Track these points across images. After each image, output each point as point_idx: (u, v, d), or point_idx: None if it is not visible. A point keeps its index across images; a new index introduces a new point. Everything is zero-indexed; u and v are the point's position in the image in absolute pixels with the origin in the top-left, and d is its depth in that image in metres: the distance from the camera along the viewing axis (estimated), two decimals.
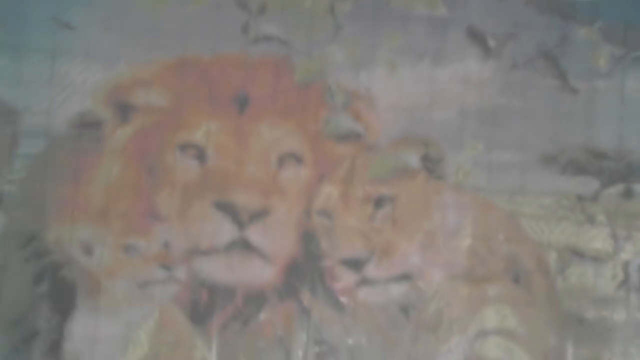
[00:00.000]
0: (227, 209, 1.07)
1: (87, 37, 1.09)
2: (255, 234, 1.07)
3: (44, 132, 1.08)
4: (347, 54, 1.10)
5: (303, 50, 1.10)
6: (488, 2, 1.07)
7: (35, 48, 1.10)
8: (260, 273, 1.06)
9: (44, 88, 1.10)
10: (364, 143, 1.07)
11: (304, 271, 1.06)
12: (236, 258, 1.07)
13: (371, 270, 1.06)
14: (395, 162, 1.06)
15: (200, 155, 1.07)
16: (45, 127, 1.08)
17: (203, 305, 1.05)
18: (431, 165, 1.05)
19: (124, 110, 1.09)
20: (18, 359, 1.04)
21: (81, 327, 1.06)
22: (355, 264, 1.06)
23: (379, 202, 1.06)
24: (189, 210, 1.07)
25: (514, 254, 1.03)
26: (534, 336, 1.00)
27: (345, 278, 1.06)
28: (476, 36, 1.08)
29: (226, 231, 1.07)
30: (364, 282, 1.06)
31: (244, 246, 1.07)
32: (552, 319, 1.00)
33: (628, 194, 1.01)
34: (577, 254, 1.02)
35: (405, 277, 1.05)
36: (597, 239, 1.01)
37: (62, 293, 1.06)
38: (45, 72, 1.10)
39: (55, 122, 1.09)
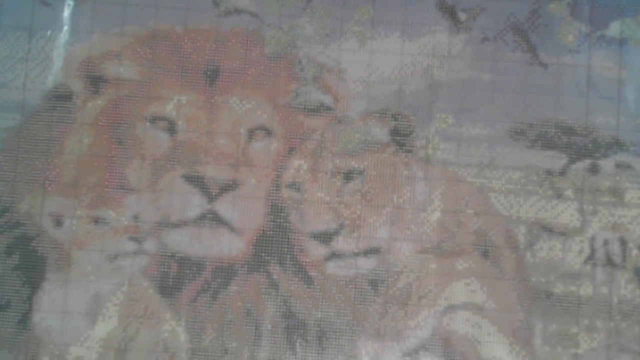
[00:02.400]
0: (197, 181, 1.06)
1: (62, 12, 1.08)
2: (224, 207, 1.07)
3: (20, 107, 1.07)
4: (318, 27, 1.09)
5: (273, 23, 1.10)
6: None
7: (11, 25, 1.10)
8: (229, 246, 1.06)
9: (20, 63, 1.09)
10: (334, 116, 1.07)
11: (273, 244, 1.05)
12: (205, 231, 1.07)
13: (340, 244, 1.06)
14: (365, 136, 1.06)
15: (171, 128, 1.07)
16: (21, 102, 1.08)
17: (172, 277, 1.05)
18: (400, 138, 1.05)
19: (95, 83, 1.09)
20: None
21: (50, 299, 1.06)
22: (324, 238, 1.06)
23: (348, 176, 1.06)
24: (159, 182, 1.06)
25: (483, 229, 1.03)
26: (502, 311, 1.01)
27: (314, 252, 1.06)
28: (446, 9, 1.08)
29: (195, 204, 1.06)
30: (333, 255, 1.06)
31: (213, 219, 1.07)
32: (520, 293, 1.01)
33: (594, 169, 1.01)
34: (546, 228, 1.02)
35: (374, 251, 1.04)
36: (565, 214, 1.02)
37: (32, 265, 1.05)
38: (21, 48, 1.09)
39: (31, 96, 1.08)
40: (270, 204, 1.04)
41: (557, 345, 1.00)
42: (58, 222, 1.05)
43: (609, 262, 1.02)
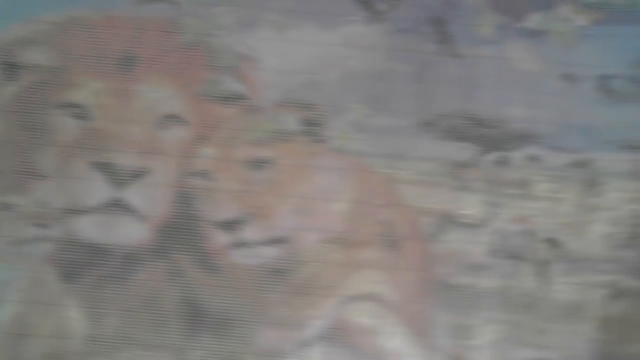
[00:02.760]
0: (106, 168, 1.07)
1: None
2: (132, 195, 1.07)
3: None
4: (234, 16, 1.09)
5: (190, 11, 1.10)
6: None
7: None
8: (136, 233, 1.06)
9: None
10: (247, 105, 1.07)
11: (180, 232, 1.05)
12: (113, 218, 1.07)
13: (246, 233, 1.06)
14: (277, 125, 1.06)
15: (83, 115, 1.08)
16: None
17: (76, 264, 1.05)
18: (312, 128, 1.05)
19: (9, 69, 1.10)
20: None
21: None
22: (230, 226, 1.06)
23: (258, 165, 1.06)
24: (68, 169, 1.07)
25: (390, 219, 1.02)
26: (405, 302, 0.99)
27: (220, 240, 1.05)
28: (364, 0, 1.07)
29: (104, 191, 1.07)
30: (238, 244, 1.05)
31: (121, 206, 1.07)
32: (424, 285, 0.99)
33: (504, 161, 1.00)
34: (452, 220, 1.01)
35: (279, 240, 1.04)
36: (472, 206, 1.00)
37: None
38: None
39: None
40: (178, 192, 1.04)
41: (456, 336, 0.98)
42: None
43: (513, 255, 1.00)
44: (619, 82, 0.98)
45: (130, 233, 1.05)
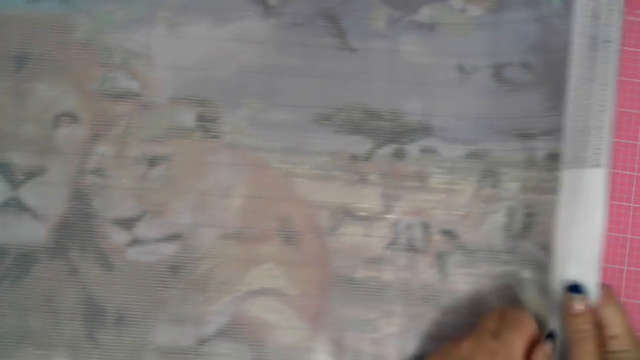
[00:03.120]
0: (1, 168, 1.06)
1: None
2: (28, 194, 1.06)
3: None
4: (127, 12, 1.09)
5: (83, 8, 1.09)
6: None
7: None
8: (32, 232, 1.05)
9: None
10: (141, 102, 1.06)
11: (75, 230, 1.05)
12: (9, 217, 1.06)
13: (142, 230, 1.06)
14: (171, 122, 1.05)
15: None
16: None
17: None
18: (207, 124, 1.05)
19: None
20: None
21: None
22: (126, 224, 1.05)
23: (153, 162, 1.06)
24: None
25: (287, 214, 1.02)
26: (303, 296, 1.00)
27: (116, 238, 1.05)
28: None
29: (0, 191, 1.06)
30: (135, 241, 1.05)
31: (17, 205, 1.06)
32: (322, 279, 1.00)
33: (400, 154, 1.00)
34: (349, 213, 1.01)
35: (176, 236, 1.04)
36: (369, 199, 1.01)
37: None
38: None
39: None
40: (74, 190, 1.03)
41: (357, 330, 0.98)
42: None
43: (411, 247, 1.01)
44: (512, 70, 0.99)
45: (25, 232, 1.04)
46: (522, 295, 1.02)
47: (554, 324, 0.99)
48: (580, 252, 0.99)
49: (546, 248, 1.00)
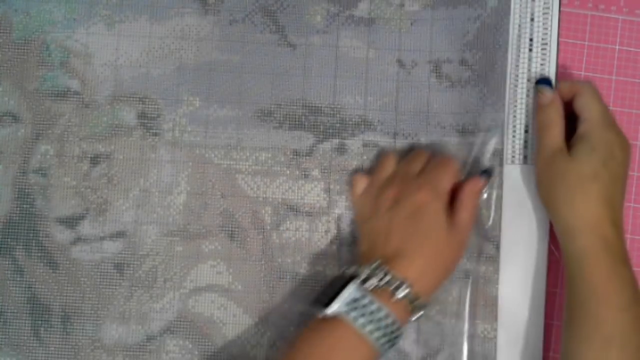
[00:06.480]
0: None
1: None
2: None
3: None
4: (65, 11, 1.09)
5: (21, 7, 1.09)
6: None
7: None
8: None
9: None
10: (81, 100, 1.06)
11: (20, 230, 1.05)
12: None
13: (86, 228, 1.06)
14: (112, 119, 1.06)
15: None
16: None
17: None
18: (148, 122, 1.05)
19: None
20: None
21: None
22: (69, 222, 1.06)
23: (95, 160, 1.06)
24: None
25: (230, 210, 1.03)
26: (248, 292, 1.01)
27: (60, 236, 1.05)
28: None
29: None
30: (79, 240, 1.06)
31: None
32: (267, 274, 1.01)
33: (341, 149, 1.01)
34: (292, 209, 1.02)
35: (120, 234, 1.04)
36: (312, 194, 1.02)
37: None
38: None
39: None
40: (16, 190, 1.03)
41: (302, 325, 1.00)
42: None
43: (355, 242, 1.03)
44: (450, 67, 1.01)
45: None
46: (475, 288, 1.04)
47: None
48: (527, 244, 1.02)
49: (493, 241, 1.02)
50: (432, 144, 1.05)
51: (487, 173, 0.97)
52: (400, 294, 0.77)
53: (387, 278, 0.82)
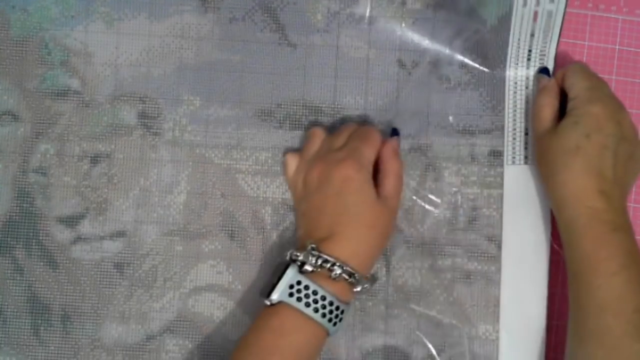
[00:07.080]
0: None
1: None
2: None
3: None
4: (63, 8, 1.08)
5: (18, 4, 1.09)
6: None
7: None
8: None
9: None
10: (82, 100, 1.06)
11: (20, 229, 1.05)
12: None
13: (86, 228, 1.06)
14: (112, 119, 1.05)
15: None
16: None
17: None
18: (148, 121, 1.05)
19: None
20: None
21: None
22: (70, 222, 1.06)
23: (95, 159, 1.06)
24: None
25: (230, 210, 1.03)
26: (248, 292, 1.01)
27: (60, 236, 1.05)
28: None
29: None
30: (79, 239, 1.06)
31: None
32: (266, 274, 1.01)
33: None
34: (292, 209, 1.03)
35: (120, 234, 1.04)
36: None
37: None
38: None
39: None
40: (16, 189, 1.03)
41: None
42: None
43: None
44: (451, 69, 1.01)
45: None
46: (468, 288, 1.05)
47: None
48: (529, 244, 1.02)
49: (494, 241, 1.03)
50: (361, 117, 1.05)
51: (395, 131, 0.98)
52: (335, 273, 0.84)
53: (320, 261, 0.86)
